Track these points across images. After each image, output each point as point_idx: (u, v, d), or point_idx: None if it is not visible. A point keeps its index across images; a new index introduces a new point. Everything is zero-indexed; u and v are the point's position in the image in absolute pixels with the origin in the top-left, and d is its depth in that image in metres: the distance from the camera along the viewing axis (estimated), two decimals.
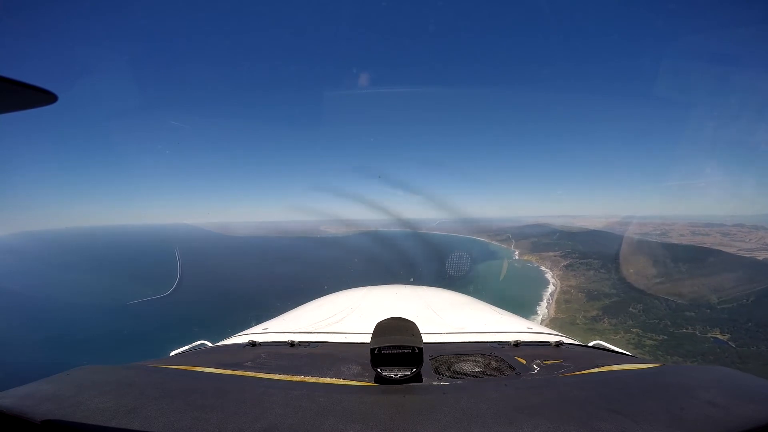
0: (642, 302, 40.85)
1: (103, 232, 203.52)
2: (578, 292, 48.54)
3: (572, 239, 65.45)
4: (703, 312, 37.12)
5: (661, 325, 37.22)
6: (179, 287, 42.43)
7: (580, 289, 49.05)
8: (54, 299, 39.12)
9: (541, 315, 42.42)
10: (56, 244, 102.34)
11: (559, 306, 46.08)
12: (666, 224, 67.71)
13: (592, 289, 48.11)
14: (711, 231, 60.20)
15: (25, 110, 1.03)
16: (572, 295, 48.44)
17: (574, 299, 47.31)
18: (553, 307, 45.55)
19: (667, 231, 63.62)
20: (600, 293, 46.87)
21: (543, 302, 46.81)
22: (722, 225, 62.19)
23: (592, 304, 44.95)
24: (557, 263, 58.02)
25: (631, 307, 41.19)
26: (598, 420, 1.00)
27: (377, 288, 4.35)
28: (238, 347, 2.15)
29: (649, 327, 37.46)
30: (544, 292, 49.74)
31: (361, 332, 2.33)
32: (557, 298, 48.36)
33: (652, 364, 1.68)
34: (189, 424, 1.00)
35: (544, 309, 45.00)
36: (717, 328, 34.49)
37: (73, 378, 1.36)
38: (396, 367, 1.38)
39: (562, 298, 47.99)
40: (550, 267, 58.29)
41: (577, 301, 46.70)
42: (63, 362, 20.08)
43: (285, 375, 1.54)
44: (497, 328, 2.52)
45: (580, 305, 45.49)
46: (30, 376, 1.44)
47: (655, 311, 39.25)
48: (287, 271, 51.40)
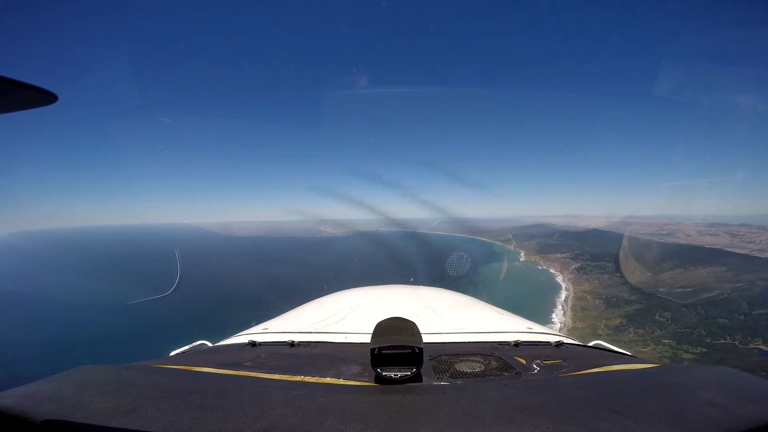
0: (668, 309, 37.23)
1: (102, 231, 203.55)
2: (595, 299, 44.90)
3: (579, 240, 62.42)
4: (736, 319, 33.58)
5: (695, 335, 33.35)
6: (179, 287, 42.40)
7: (596, 295, 45.46)
8: (54, 299, 39.11)
9: (558, 324, 39.24)
10: (56, 243, 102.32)
11: (576, 314, 42.26)
12: (670, 224, 65.60)
13: (609, 295, 44.45)
14: (718, 231, 57.44)
15: (25, 110, 1.03)
16: (589, 301, 44.75)
17: (591, 306, 43.72)
18: (570, 315, 41.90)
19: (672, 231, 61.18)
20: (619, 299, 43.00)
21: (557, 309, 43.29)
22: (727, 225, 59.87)
23: (613, 311, 41.24)
24: (567, 266, 54.67)
25: (657, 315, 37.39)
26: (598, 420, 1.00)
27: (377, 288, 4.35)
28: (238, 347, 2.15)
29: (682, 337, 33.57)
30: (556, 297, 46.16)
31: (361, 332, 2.33)
32: (572, 304, 44.50)
33: (652, 364, 1.68)
34: (189, 424, 1.00)
35: (559, 317, 41.69)
36: (759, 338, 31.03)
37: (73, 378, 1.36)
38: (396, 367, 1.38)
39: (578, 305, 44.23)
40: (559, 270, 54.68)
41: (595, 309, 43.04)
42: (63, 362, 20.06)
43: (285, 375, 1.54)
44: (497, 328, 2.52)
45: (599, 313, 41.91)
46: (30, 376, 1.45)
47: (684, 319, 35.69)
48: (287, 271, 51.32)
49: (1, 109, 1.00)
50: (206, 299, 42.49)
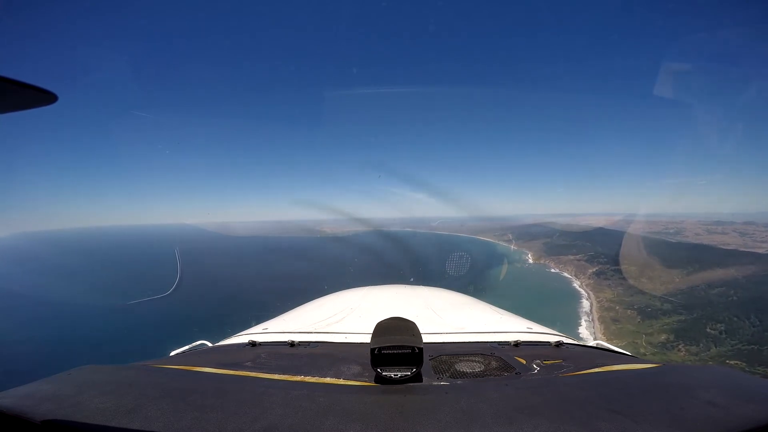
0: (717, 319, 32.03)
1: (102, 232, 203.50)
2: (624, 308, 38.45)
3: (589, 240, 57.63)
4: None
5: (765, 353, 27.92)
6: (179, 287, 42.41)
7: (625, 304, 39.03)
8: (54, 299, 39.10)
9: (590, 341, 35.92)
10: (56, 244, 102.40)
11: (607, 327, 35.86)
12: (673, 222, 63.29)
13: (640, 304, 37.97)
14: (726, 230, 54.55)
15: (25, 110, 1.03)
16: (618, 312, 38.11)
17: (623, 317, 37.21)
18: (599, 329, 35.37)
19: (679, 230, 58.29)
20: (655, 309, 36.63)
21: (581, 321, 36.82)
22: (732, 223, 57.72)
23: (651, 324, 35.18)
24: (582, 269, 49.04)
25: (708, 328, 32.06)
26: (598, 420, 1.00)
27: (377, 288, 4.35)
28: (238, 347, 2.15)
29: (751, 356, 27.78)
30: (578, 307, 39.98)
31: (361, 332, 2.33)
32: (599, 315, 38.04)
33: (652, 364, 1.68)
34: (189, 424, 1.00)
35: (588, 331, 35.42)
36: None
37: (73, 378, 1.36)
38: (396, 367, 1.38)
39: (606, 317, 37.73)
40: (574, 273, 49.25)
41: (628, 321, 36.54)
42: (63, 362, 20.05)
43: (285, 375, 1.54)
44: (497, 328, 2.52)
45: (636, 326, 35.61)
46: (30, 376, 1.45)
47: (740, 331, 30.58)
48: (287, 271, 51.25)
49: (1, 109, 1.00)
50: (206, 299, 42.45)
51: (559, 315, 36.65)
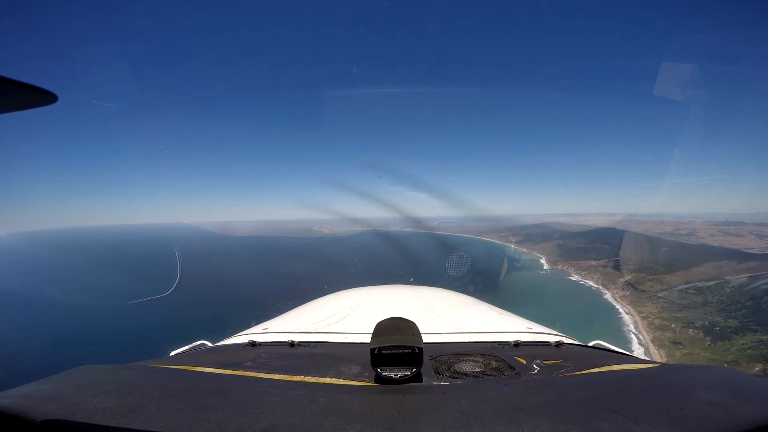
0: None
1: (102, 232, 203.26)
2: (683, 326, 31.19)
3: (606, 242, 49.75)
4: None
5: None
6: (179, 287, 42.43)
7: (681, 321, 31.76)
8: (53, 299, 39.11)
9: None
10: (55, 244, 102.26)
11: (670, 353, 29.00)
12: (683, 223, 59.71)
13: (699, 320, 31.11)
14: (741, 231, 49.98)
15: (25, 110, 1.03)
16: (676, 332, 30.77)
17: (684, 339, 30.08)
18: (658, 356, 28.05)
19: (692, 231, 53.35)
20: (723, 327, 29.52)
21: (633, 347, 28.41)
22: (743, 223, 53.93)
23: (725, 346, 28.21)
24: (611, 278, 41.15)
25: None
26: (598, 420, 1.00)
27: (377, 288, 4.35)
28: (238, 347, 2.15)
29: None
30: (620, 325, 32.98)
31: (361, 332, 2.32)
32: (651, 337, 30.97)
33: (652, 364, 1.68)
34: (189, 424, 1.00)
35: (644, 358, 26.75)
36: None
37: (73, 378, 1.36)
38: (396, 367, 1.38)
39: (663, 338, 30.68)
40: (601, 282, 41.79)
41: (694, 343, 29.48)
42: (63, 362, 20.05)
43: (285, 375, 1.54)
44: (497, 328, 2.52)
45: (706, 349, 28.73)
46: (30, 376, 1.45)
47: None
48: (287, 271, 51.17)
49: (1, 109, 1.00)
50: (206, 299, 42.38)
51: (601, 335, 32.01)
